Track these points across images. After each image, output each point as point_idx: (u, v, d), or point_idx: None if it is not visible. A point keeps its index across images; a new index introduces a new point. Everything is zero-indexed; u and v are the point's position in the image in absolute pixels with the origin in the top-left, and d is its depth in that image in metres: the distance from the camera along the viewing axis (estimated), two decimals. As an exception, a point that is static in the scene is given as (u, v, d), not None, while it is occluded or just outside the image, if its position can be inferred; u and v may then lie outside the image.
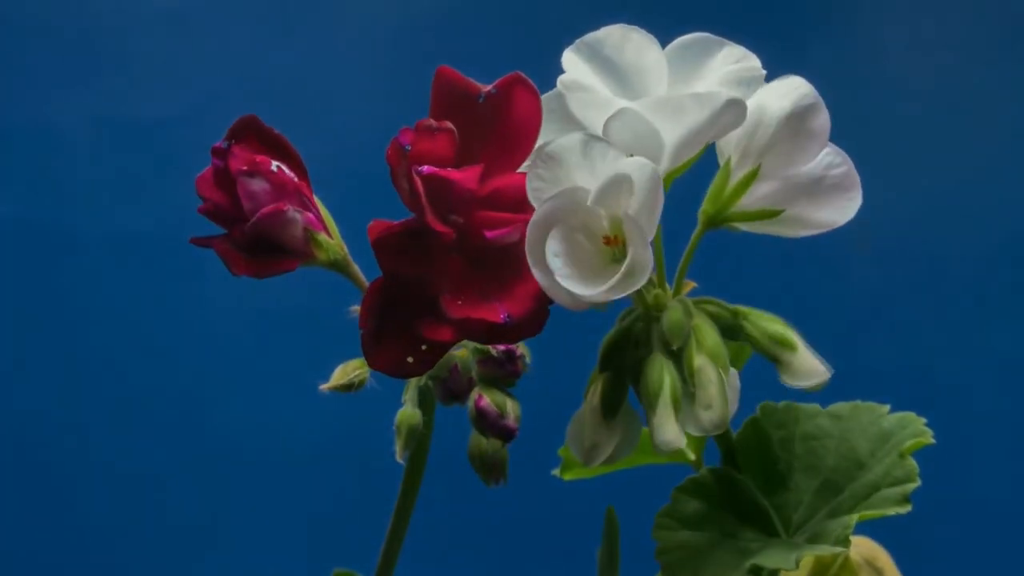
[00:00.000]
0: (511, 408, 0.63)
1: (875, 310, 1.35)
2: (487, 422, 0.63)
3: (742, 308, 0.58)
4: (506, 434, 0.63)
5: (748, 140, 0.56)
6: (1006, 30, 1.38)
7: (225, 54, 1.37)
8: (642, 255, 0.52)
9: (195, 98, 1.36)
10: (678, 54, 0.57)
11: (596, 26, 0.59)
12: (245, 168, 0.59)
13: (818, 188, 0.57)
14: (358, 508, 1.07)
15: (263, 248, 0.59)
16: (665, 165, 0.55)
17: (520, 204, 0.55)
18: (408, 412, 0.63)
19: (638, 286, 0.52)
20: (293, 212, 0.59)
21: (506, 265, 0.55)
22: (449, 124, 0.55)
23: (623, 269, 0.52)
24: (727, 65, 0.56)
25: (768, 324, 0.58)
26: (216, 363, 1.35)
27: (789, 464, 0.62)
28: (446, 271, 0.55)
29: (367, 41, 1.38)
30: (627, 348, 0.57)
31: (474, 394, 0.63)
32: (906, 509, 0.57)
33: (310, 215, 0.60)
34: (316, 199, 0.61)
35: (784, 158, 0.57)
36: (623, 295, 0.53)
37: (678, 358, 0.56)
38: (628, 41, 0.56)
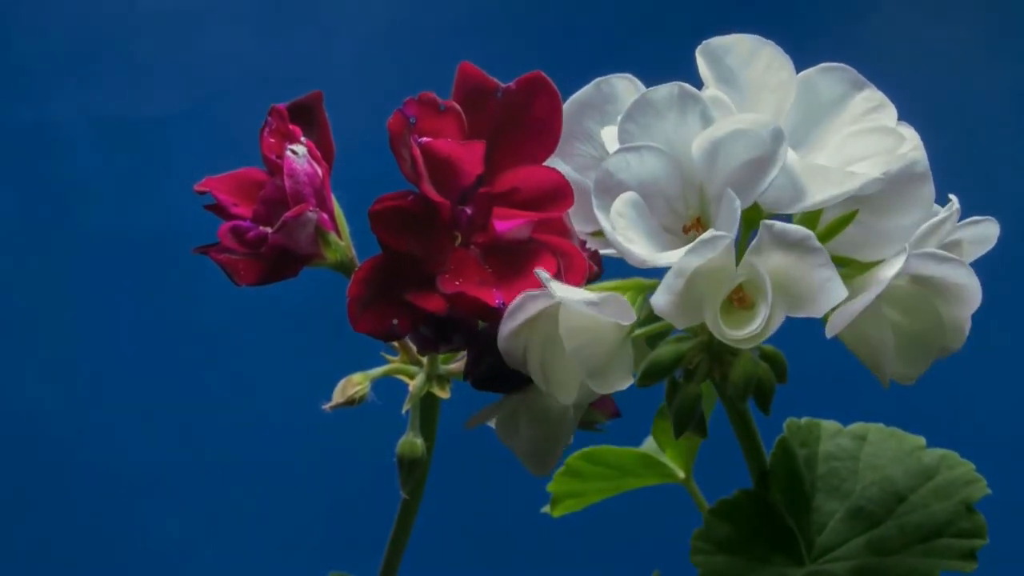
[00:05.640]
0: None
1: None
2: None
3: None
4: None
5: None
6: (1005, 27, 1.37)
7: (225, 54, 1.37)
8: (724, 231, 0.48)
9: (195, 98, 1.35)
10: (812, 83, 0.53)
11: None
12: (290, 142, 0.57)
13: None
14: (360, 509, 1.05)
15: (276, 253, 0.57)
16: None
17: (537, 201, 0.54)
18: (410, 442, 0.61)
19: (705, 259, 0.48)
20: (311, 213, 0.56)
21: (511, 261, 0.54)
22: (456, 105, 0.55)
23: (700, 238, 0.48)
24: (863, 117, 0.53)
25: None
26: (218, 362, 1.34)
27: (812, 484, 0.60)
28: (446, 253, 0.54)
29: (368, 41, 1.37)
30: (672, 372, 0.53)
31: None
32: (973, 567, 0.56)
33: (324, 215, 0.57)
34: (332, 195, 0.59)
35: (881, 211, 0.52)
36: (687, 266, 0.48)
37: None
38: (757, 56, 0.53)
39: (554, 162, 0.55)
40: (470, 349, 0.55)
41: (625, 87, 0.54)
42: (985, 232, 0.54)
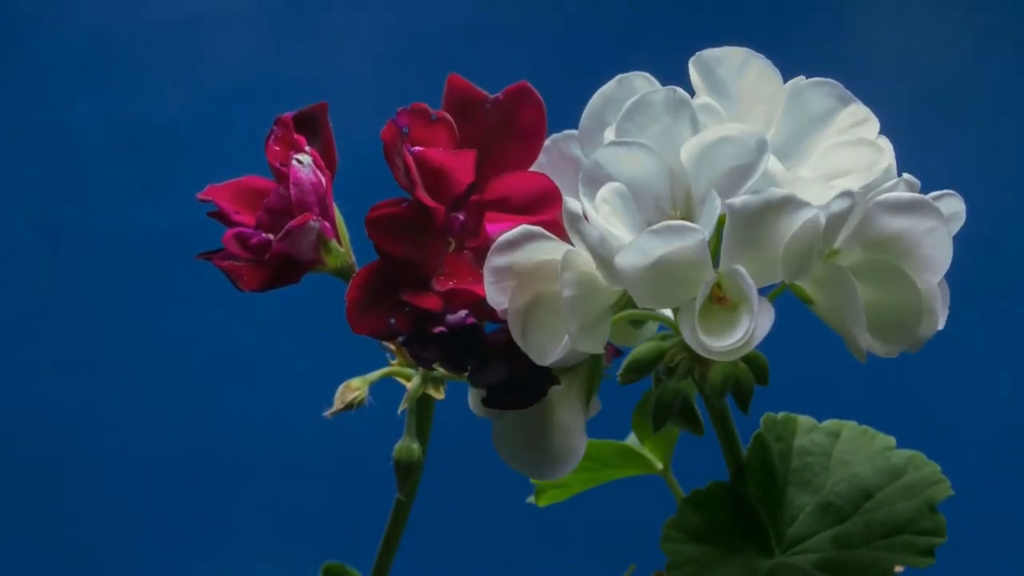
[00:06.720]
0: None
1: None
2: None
3: None
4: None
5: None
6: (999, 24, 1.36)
7: (236, 60, 1.37)
8: (703, 228, 0.49)
9: (207, 102, 1.36)
10: (801, 96, 0.54)
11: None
12: (295, 152, 0.58)
13: None
14: (358, 504, 1.05)
15: (279, 260, 0.57)
16: None
17: (527, 206, 0.55)
18: (406, 447, 0.61)
19: (674, 246, 0.48)
20: (313, 222, 0.57)
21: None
22: (447, 115, 0.55)
23: (669, 223, 0.49)
24: (847, 131, 0.53)
25: None
26: (223, 362, 1.34)
27: (786, 478, 0.60)
28: (441, 258, 0.55)
29: (377, 48, 1.37)
30: (653, 368, 0.54)
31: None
32: (930, 563, 0.57)
33: (326, 223, 0.58)
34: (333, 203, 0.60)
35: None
36: (662, 251, 0.48)
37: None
38: (748, 67, 0.54)
39: (577, 154, 0.56)
40: (474, 359, 0.55)
41: (643, 85, 0.54)
42: (951, 207, 0.54)
